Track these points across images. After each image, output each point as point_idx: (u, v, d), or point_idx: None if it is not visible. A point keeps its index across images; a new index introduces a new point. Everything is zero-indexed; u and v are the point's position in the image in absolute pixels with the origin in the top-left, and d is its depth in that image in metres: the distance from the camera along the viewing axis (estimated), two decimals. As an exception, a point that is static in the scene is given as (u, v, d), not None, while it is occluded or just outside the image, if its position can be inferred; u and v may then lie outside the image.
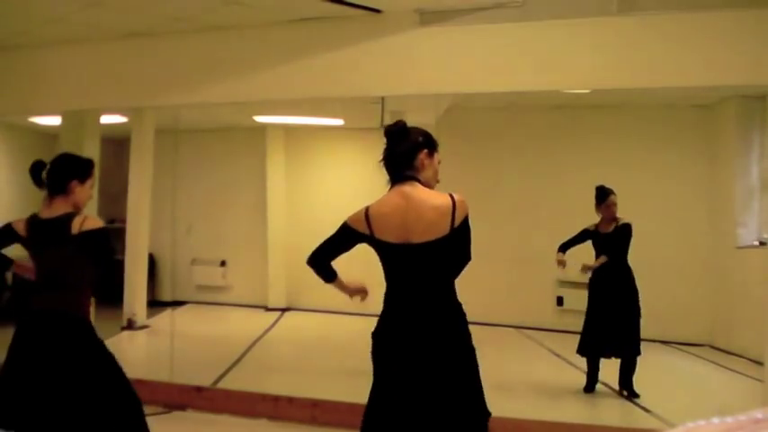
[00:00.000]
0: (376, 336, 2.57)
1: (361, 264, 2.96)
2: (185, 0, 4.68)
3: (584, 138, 8.14)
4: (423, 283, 2.51)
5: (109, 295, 3.26)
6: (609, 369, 5.38)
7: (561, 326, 7.69)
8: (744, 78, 4.37)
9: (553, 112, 8.15)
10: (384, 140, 2.65)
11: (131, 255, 7.78)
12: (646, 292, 5.24)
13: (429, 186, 2.60)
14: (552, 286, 8.11)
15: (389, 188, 2.60)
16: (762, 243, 7.12)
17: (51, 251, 3.05)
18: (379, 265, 2.61)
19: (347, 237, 2.60)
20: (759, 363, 5.04)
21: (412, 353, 2.48)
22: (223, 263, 9.98)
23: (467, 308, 2.55)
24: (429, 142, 2.64)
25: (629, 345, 5.15)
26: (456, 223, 2.48)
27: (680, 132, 7.93)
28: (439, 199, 2.51)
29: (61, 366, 2.93)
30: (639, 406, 5.03)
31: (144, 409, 3.17)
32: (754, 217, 7.26)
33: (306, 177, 9.74)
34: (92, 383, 2.96)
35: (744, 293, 6.65)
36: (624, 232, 5.23)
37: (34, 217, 3.10)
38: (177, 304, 9.44)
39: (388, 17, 4.74)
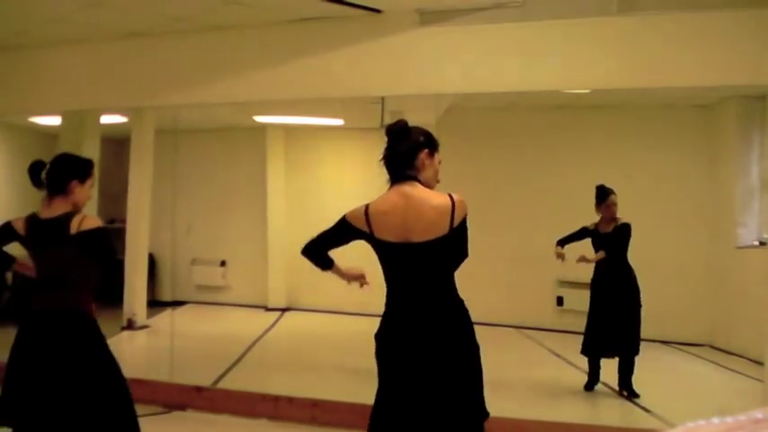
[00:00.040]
0: (379, 337, 2.57)
1: (361, 264, 2.96)
2: (185, 0, 4.69)
3: (584, 138, 8.14)
4: (423, 282, 2.51)
5: (110, 294, 3.25)
6: (609, 369, 5.38)
7: (561, 326, 7.70)
8: (744, 78, 4.37)
9: (553, 112, 8.15)
10: (385, 140, 2.64)
11: (131, 255, 7.77)
12: (646, 293, 5.24)
13: (429, 186, 2.60)
14: (552, 286, 8.11)
15: (389, 187, 2.59)
16: (762, 243, 7.12)
17: (51, 251, 3.04)
18: (379, 266, 2.62)
19: (344, 232, 2.60)
20: (759, 363, 5.05)
21: (416, 353, 2.47)
22: (223, 263, 9.97)
23: (467, 307, 2.55)
24: (430, 142, 2.63)
25: (628, 345, 5.16)
26: (455, 223, 2.48)
27: (680, 132, 7.92)
28: (438, 199, 2.51)
29: (64, 364, 2.93)
30: (639, 406, 5.03)
31: (136, 410, 3.16)
32: (754, 217, 7.26)
33: (306, 177, 9.74)
34: (91, 381, 2.96)
35: (744, 293, 6.65)
36: (624, 232, 5.23)
37: (33, 216, 3.09)
38: (177, 304, 9.44)
39: (388, 17, 4.74)
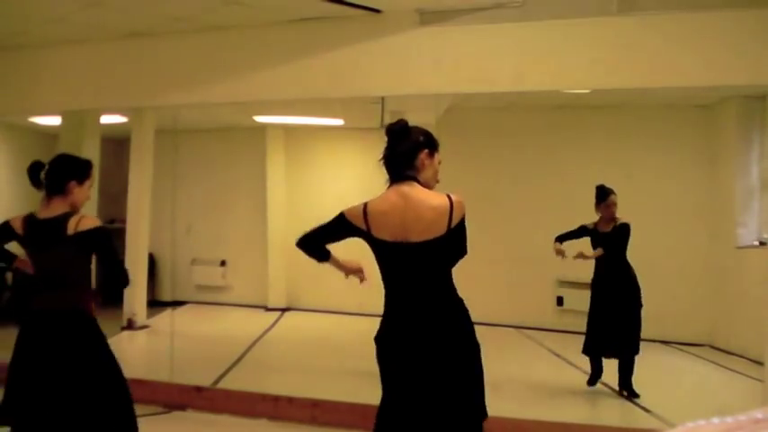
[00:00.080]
0: (379, 340, 2.57)
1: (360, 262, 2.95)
2: (185, 0, 4.69)
3: (584, 138, 8.14)
4: (421, 282, 2.51)
5: (119, 294, 3.24)
6: (609, 369, 5.39)
7: (561, 326, 7.70)
8: (744, 78, 4.37)
9: (553, 112, 8.15)
10: (385, 140, 2.64)
11: (131, 255, 7.77)
12: (646, 293, 5.24)
13: (428, 186, 2.60)
14: (552, 286, 8.11)
15: (388, 187, 2.59)
16: (762, 243, 7.13)
17: (48, 251, 3.04)
18: (377, 265, 2.61)
19: (341, 228, 2.59)
20: (759, 363, 5.05)
21: (417, 354, 2.47)
22: (223, 263, 9.98)
23: (466, 307, 2.55)
24: (430, 142, 2.63)
25: (628, 345, 5.16)
26: (453, 223, 2.48)
27: (680, 132, 7.93)
28: (437, 199, 2.51)
29: (65, 363, 2.94)
30: (639, 406, 5.03)
31: (136, 411, 3.17)
32: (754, 217, 7.26)
33: (306, 177, 9.74)
34: (91, 380, 2.97)
35: (744, 293, 6.65)
36: (623, 232, 5.23)
37: (31, 216, 3.09)
38: (177, 304, 9.44)
39: (388, 17, 4.74)
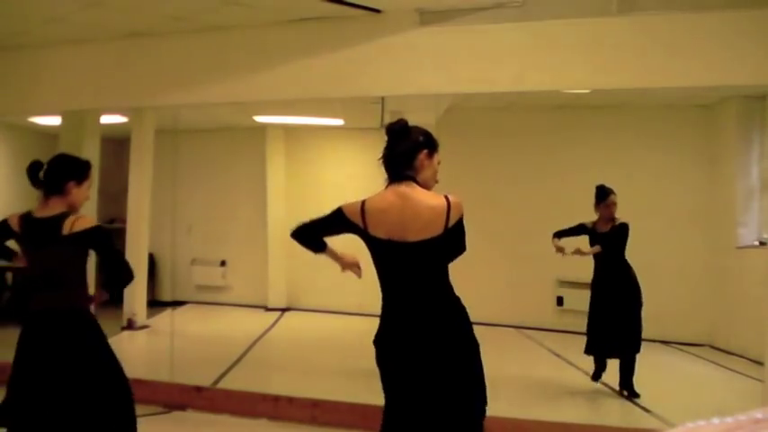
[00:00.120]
0: (378, 342, 2.57)
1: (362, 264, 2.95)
2: (185, 0, 4.69)
3: (584, 138, 8.14)
4: (417, 281, 2.51)
5: (123, 289, 3.23)
6: (610, 369, 5.39)
7: (561, 326, 7.70)
8: (744, 78, 4.37)
9: (553, 112, 8.15)
10: (384, 139, 2.64)
11: (131, 255, 7.74)
12: (646, 293, 5.23)
13: (427, 187, 2.60)
14: (552, 286, 8.11)
15: (386, 186, 2.59)
16: (762, 243, 7.13)
17: (43, 250, 3.04)
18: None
19: (338, 222, 2.59)
20: (759, 363, 5.04)
21: (416, 355, 2.47)
22: (223, 263, 9.98)
23: (467, 308, 2.54)
24: (429, 142, 2.63)
25: (629, 344, 5.16)
26: (450, 223, 2.48)
27: (680, 132, 7.93)
28: (435, 200, 2.51)
29: (66, 363, 2.95)
30: (639, 406, 5.03)
31: (136, 410, 3.17)
32: (754, 217, 7.27)
33: (306, 177, 9.74)
34: (92, 379, 2.98)
35: (744, 293, 6.65)
36: (622, 232, 5.23)
37: (28, 214, 3.09)
38: (177, 304, 9.44)
39: (388, 17, 4.74)
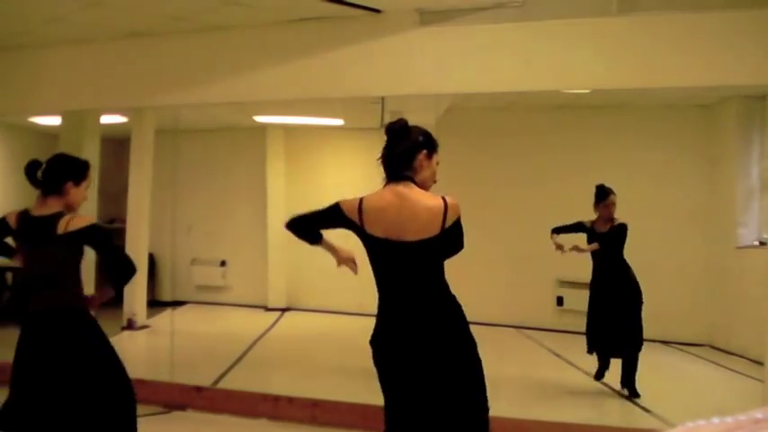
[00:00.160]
0: (374, 343, 2.57)
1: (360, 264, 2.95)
2: (185, 0, 4.69)
3: (584, 138, 8.14)
4: (413, 280, 2.52)
5: (124, 286, 3.25)
6: (611, 369, 5.38)
7: (561, 326, 7.70)
8: (744, 78, 4.37)
9: (553, 113, 8.15)
10: (384, 139, 2.65)
11: (131, 255, 7.75)
12: (646, 293, 5.23)
13: (425, 187, 2.60)
14: (552, 286, 8.11)
15: (384, 185, 2.60)
16: (762, 243, 7.13)
17: (39, 249, 3.06)
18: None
19: (335, 217, 2.60)
20: (759, 363, 5.05)
21: (413, 355, 2.48)
22: (223, 263, 9.97)
23: (467, 308, 2.54)
24: (429, 143, 2.63)
25: (630, 343, 5.15)
26: (447, 224, 2.49)
27: (680, 132, 7.93)
28: (432, 200, 2.51)
29: (68, 362, 2.95)
30: (639, 406, 5.03)
31: (136, 404, 3.19)
32: (754, 217, 7.26)
33: (306, 177, 9.74)
34: (92, 378, 2.98)
35: (744, 293, 6.65)
36: (620, 232, 5.24)
37: (26, 212, 3.11)
38: (177, 304, 9.44)
39: (388, 17, 4.74)
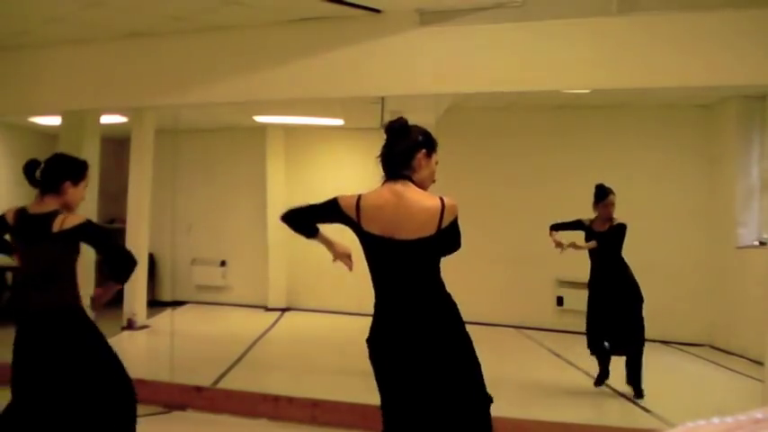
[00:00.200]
0: (370, 341, 2.58)
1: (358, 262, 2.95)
2: (185, 0, 4.69)
3: (584, 138, 8.14)
4: (408, 278, 2.52)
5: (127, 278, 3.25)
6: (612, 369, 5.38)
7: (561, 326, 7.70)
8: (744, 78, 4.37)
9: (553, 112, 8.15)
10: (384, 138, 2.65)
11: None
12: (646, 292, 5.23)
13: (423, 186, 2.60)
14: (552, 286, 8.11)
15: (382, 183, 2.60)
16: (762, 243, 7.13)
17: (35, 247, 3.08)
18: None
19: (332, 211, 2.59)
20: (759, 363, 5.04)
21: (409, 353, 2.48)
22: (223, 263, 9.97)
23: (467, 308, 2.55)
24: (428, 142, 2.63)
25: (632, 342, 5.14)
26: (443, 225, 2.49)
27: (680, 132, 7.93)
28: (429, 201, 2.52)
29: (65, 361, 2.96)
30: (639, 406, 5.02)
31: (137, 403, 3.19)
32: (754, 217, 7.27)
33: (306, 177, 9.74)
34: (88, 376, 2.99)
35: (744, 293, 6.65)
36: (619, 232, 5.24)
37: (23, 210, 3.13)
38: (177, 304, 9.44)
39: (388, 17, 4.74)
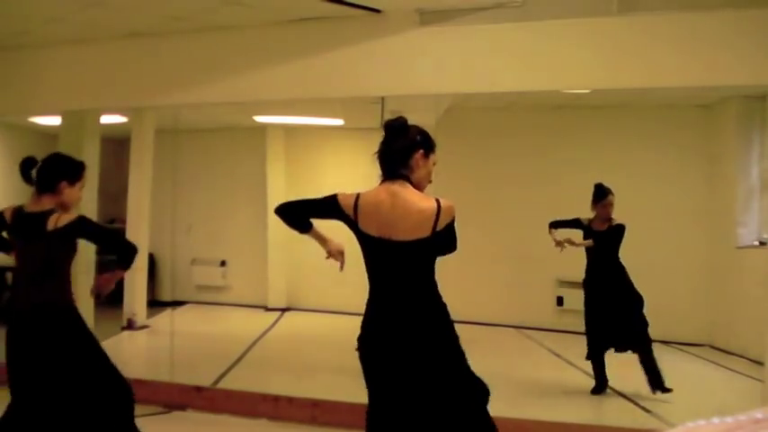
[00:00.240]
0: (361, 341, 2.58)
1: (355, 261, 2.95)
2: (185, 0, 4.69)
3: (584, 138, 8.14)
4: (402, 279, 2.52)
5: (131, 262, 3.25)
6: (611, 369, 5.37)
7: (561, 326, 7.70)
8: (744, 78, 4.37)
9: (553, 113, 8.15)
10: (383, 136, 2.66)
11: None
12: (646, 293, 5.23)
13: (420, 187, 2.61)
14: (552, 286, 8.10)
15: (379, 183, 2.61)
16: (762, 243, 7.12)
17: (30, 245, 3.10)
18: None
19: (330, 208, 2.60)
20: (759, 363, 5.04)
21: (397, 353, 2.48)
22: (223, 263, 9.97)
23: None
24: (426, 142, 2.64)
25: (640, 340, 5.11)
26: (439, 227, 2.49)
27: (680, 132, 7.92)
28: (425, 202, 2.52)
29: (55, 357, 2.97)
30: (639, 406, 5.03)
31: (134, 401, 3.20)
32: (754, 217, 7.26)
33: (306, 177, 9.73)
34: (75, 374, 3.00)
35: (744, 293, 6.65)
36: (618, 233, 5.24)
37: (20, 208, 3.16)
38: (177, 304, 9.44)
39: (388, 17, 4.74)
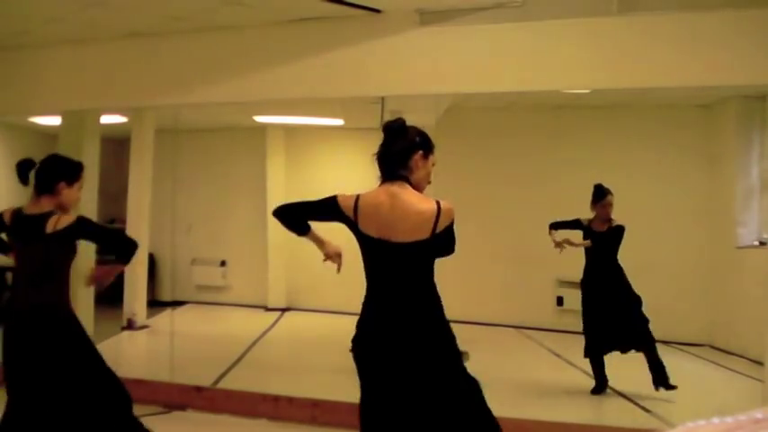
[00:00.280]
0: (356, 341, 2.58)
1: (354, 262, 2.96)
2: (185, 0, 4.69)
3: (583, 138, 8.14)
4: (400, 280, 2.52)
5: (131, 257, 3.27)
6: (610, 369, 5.37)
7: (561, 326, 7.69)
8: (744, 78, 4.37)
9: (553, 112, 8.15)
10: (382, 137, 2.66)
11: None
12: (646, 293, 5.24)
13: (419, 188, 2.61)
14: (552, 286, 8.10)
15: (379, 184, 2.61)
16: (762, 243, 7.13)
17: (29, 247, 3.11)
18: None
19: (330, 210, 2.59)
20: (759, 363, 5.04)
21: (395, 354, 2.48)
22: (223, 263, 9.97)
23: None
24: (425, 143, 2.64)
25: (643, 340, 5.11)
26: (438, 229, 2.49)
27: (680, 132, 7.92)
28: (425, 204, 2.52)
29: (51, 360, 2.98)
30: (639, 406, 5.03)
31: (131, 400, 3.21)
32: (754, 217, 7.26)
33: (306, 177, 9.73)
34: (69, 376, 3.00)
35: (744, 293, 6.65)
36: (617, 233, 5.25)
37: (19, 210, 3.16)
38: (177, 304, 9.44)
39: (388, 17, 4.74)
